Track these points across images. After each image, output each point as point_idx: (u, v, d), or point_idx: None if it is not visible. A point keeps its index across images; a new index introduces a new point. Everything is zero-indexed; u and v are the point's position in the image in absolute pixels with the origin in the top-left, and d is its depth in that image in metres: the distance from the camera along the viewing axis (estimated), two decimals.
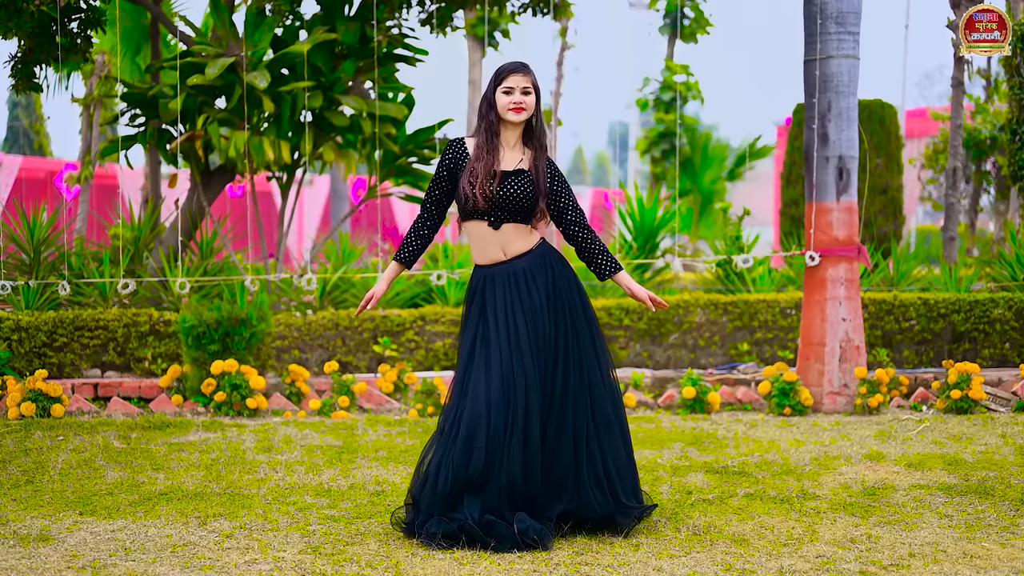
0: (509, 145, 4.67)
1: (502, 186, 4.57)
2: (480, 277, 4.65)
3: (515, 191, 4.57)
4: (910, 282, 9.76)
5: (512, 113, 4.59)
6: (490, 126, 4.63)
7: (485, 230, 4.61)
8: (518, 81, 4.59)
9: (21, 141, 26.95)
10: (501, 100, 4.60)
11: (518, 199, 4.57)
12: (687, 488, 5.39)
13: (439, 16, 9.91)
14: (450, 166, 4.66)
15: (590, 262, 4.71)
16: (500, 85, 4.61)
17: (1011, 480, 5.55)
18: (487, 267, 4.63)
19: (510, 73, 4.60)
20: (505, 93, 4.60)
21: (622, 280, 4.73)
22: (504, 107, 4.59)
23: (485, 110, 4.65)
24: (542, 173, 4.63)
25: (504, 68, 4.64)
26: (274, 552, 4.32)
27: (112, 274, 8.68)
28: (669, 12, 19.18)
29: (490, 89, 4.65)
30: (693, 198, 17.30)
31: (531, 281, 4.58)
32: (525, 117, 4.62)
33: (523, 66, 4.64)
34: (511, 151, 4.67)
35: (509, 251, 4.61)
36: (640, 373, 8.22)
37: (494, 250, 4.61)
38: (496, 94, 4.61)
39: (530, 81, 4.61)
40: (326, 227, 21.95)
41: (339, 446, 6.48)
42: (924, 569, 4.14)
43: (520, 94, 4.59)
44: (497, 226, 4.60)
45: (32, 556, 4.24)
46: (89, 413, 7.50)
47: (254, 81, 8.35)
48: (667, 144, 18.19)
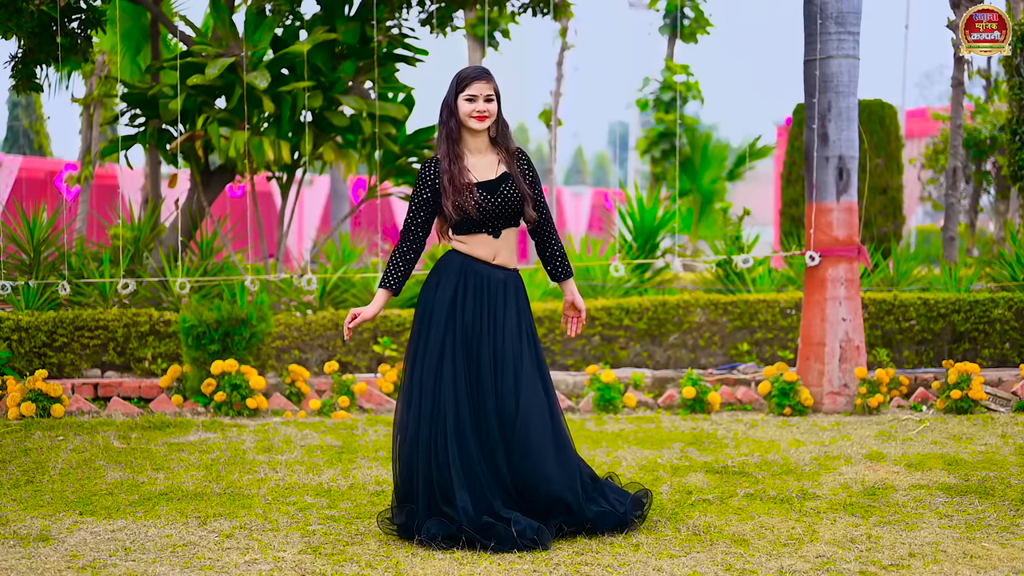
0: (479, 151, 4.66)
1: (494, 195, 4.57)
2: (460, 263, 4.60)
3: (507, 198, 4.59)
4: (910, 282, 9.76)
5: (475, 121, 4.57)
6: (450, 133, 4.61)
7: (485, 239, 4.61)
8: (481, 88, 4.56)
9: (21, 141, 26.95)
10: (464, 107, 4.57)
11: (510, 205, 4.60)
12: (687, 488, 5.39)
13: (439, 16, 9.91)
14: (433, 186, 4.60)
15: (548, 261, 4.79)
16: (462, 92, 4.57)
17: (1011, 480, 5.55)
18: (471, 258, 4.61)
19: (472, 80, 4.56)
20: (468, 100, 4.57)
21: (568, 286, 4.83)
22: (467, 115, 4.57)
23: (446, 116, 4.61)
24: (520, 176, 4.65)
25: (466, 74, 4.60)
26: (274, 552, 4.32)
27: (112, 274, 8.68)
28: (669, 12, 19.18)
29: (450, 95, 4.61)
30: (693, 198, 17.30)
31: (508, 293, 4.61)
32: (488, 125, 4.61)
33: (485, 72, 4.61)
34: (483, 156, 4.66)
35: (499, 258, 4.63)
36: (640, 373, 8.22)
37: (487, 252, 4.62)
38: (458, 101, 4.58)
39: (492, 88, 4.59)
40: (326, 227, 21.96)
41: (339, 446, 6.48)
42: (924, 569, 4.14)
43: (483, 102, 4.56)
44: (498, 234, 4.62)
45: (32, 556, 4.24)
46: (89, 413, 7.50)
47: (254, 81, 8.35)
48: (667, 144, 18.18)
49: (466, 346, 4.53)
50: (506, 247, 4.64)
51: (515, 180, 4.62)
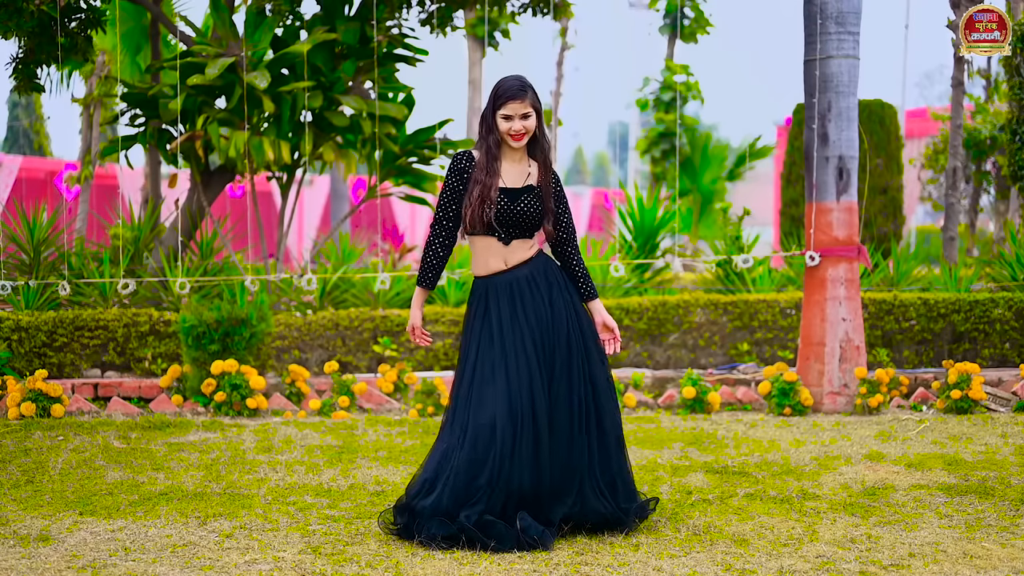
0: (514, 160, 4.64)
1: (514, 203, 4.56)
2: (483, 288, 4.62)
3: (526, 209, 4.57)
4: (910, 282, 9.76)
5: (513, 140, 4.56)
6: (489, 150, 4.59)
7: (494, 244, 4.60)
8: (516, 108, 4.51)
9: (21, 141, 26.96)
10: (501, 126, 4.54)
11: (529, 217, 4.58)
12: (687, 488, 5.39)
13: (439, 16, 9.91)
14: (464, 178, 4.59)
15: (571, 281, 4.73)
16: (499, 110, 4.54)
17: (1011, 480, 5.55)
18: (487, 277, 4.62)
19: (508, 100, 4.51)
20: (504, 119, 4.54)
21: (595, 307, 4.75)
22: (504, 132, 4.55)
23: (484, 132, 4.59)
24: (549, 193, 4.62)
25: (502, 92, 4.54)
26: (274, 552, 4.32)
27: (112, 274, 8.68)
28: (669, 12, 19.19)
29: (488, 110, 4.58)
30: (693, 198, 17.30)
31: (534, 286, 4.58)
32: (525, 142, 4.59)
33: (521, 91, 4.52)
34: (516, 165, 4.63)
35: (511, 261, 4.61)
36: (640, 373, 8.22)
37: (496, 262, 4.61)
38: (495, 118, 4.55)
39: (530, 104, 4.52)
40: (326, 227, 21.96)
41: (339, 446, 6.48)
42: (924, 569, 4.14)
43: (520, 120, 4.53)
44: (508, 242, 4.61)
45: (32, 556, 4.24)
46: (89, 413, 7.50)
47: (254, 81, 8.35)
48: (667, 144, 18.19)
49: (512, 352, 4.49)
50: (515, 250, 4.61)
51: (540, 194, 4.60)
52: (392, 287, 9.29)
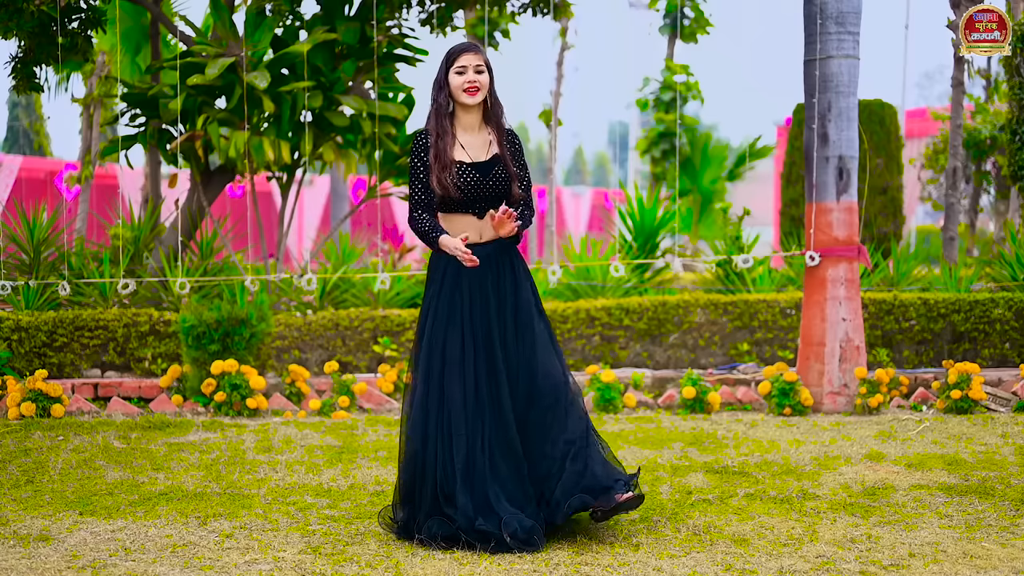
0: (472, 128, 4.62)
1: (486, 178, 4.55)
2: (446, 260, 4.57)
3: (498, 180, 4.57)
4: (910, 282, 9.76)
5: (467, 95, 4.54)
6: (439, 108, 4.57)
7: (470, 220, 4.59)
8: (470, 60, 4.53)
9: (21, 141, 26.97)
10: (454, 81, 4.54)
11: (500, 187, 4.58)
12: (687, 488, 5.39)
13: (439, 16, 9.91)
14: (422, 157, 4.59)
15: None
16: (452, 66, 4.54)
17: (1011, 480, 5.55)
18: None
19: (461, 53, 4.54)
20: (458, 73, 4.54)
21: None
22: (458, 88, 4.54)
23: (435, 92, 4.58)
24: (508, 157, 4.61)
25: (455, 48, 4.58)
26: (274, 552, 4.32)
27: (112, 274, 8.68)
28: (669, 12, 19.17)
29: (441, 72, 4.58)
30: (693, 198, 17.31)
31: (500, 266, 4.58)
32: (480, 98, 4.57)
33: (474, 45, 4.59)
34: (476, 135, 4.63)
35: (486, 235, 4.60)
36: (640, 373, 8.21)
37: (472, 235, 4.59)
38: (448, 75, 4.55)
39: (482, 59, 4.56)
40: (326, 227, 21.95)
41: (339, 446, 6.48)
42: (924, 569, 4.14)
43: (473, 72, 4.53)
44: (482, 215, 4.59)
45: (32, 556, 4.24)
46: (89, 413, 7.50)
47: (254, 81, 8.35)
48: (667, 144, 18.18)
49: (473, 333, 4.49)
50: (486, 225, 4.60)
51: (504, 161, 4.60)
52: (392, 287, 9.29)
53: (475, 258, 4.49)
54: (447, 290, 4.55)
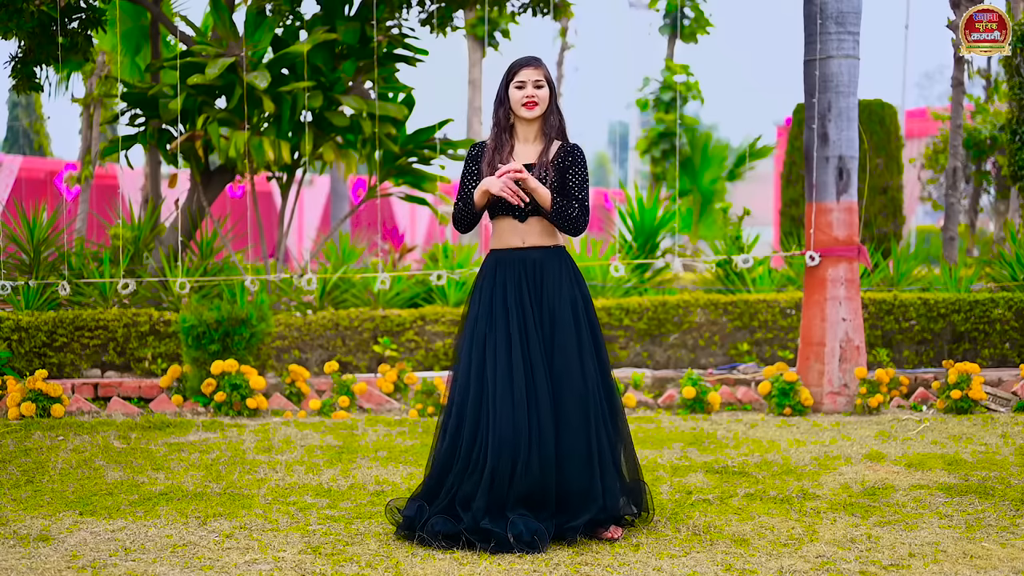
0: (529, 140, 4.63)
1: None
2: (493, 261, 4.59)
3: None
4: (910, 282, 9.76)
5: (525, 109, 4.54)
6: (499, 122, 4.59)
7: (512, 223, 4.58)
8: (530, 75, 4.52)
9: (21, 141, 26.97)
10: (514, 96, 4.54)
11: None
12: (687, 488, 5.39)
13: (439, 16, 9.91)
14: (474, 164, 4.61)
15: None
16: (512, 80, 4.55)
17: (1011, 480, 5.55)
18: (501, 251, 4.59)
19: (521, 67, 4.54)
20: (517, 88, 4.54)
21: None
22: (517, 102, 4.54)
23: (496, 107, 4.61)
24: (558, 167, 4.56)
25: (516, 63, 4.58)
26: (274, 552, 4.32)
27: (112, 274, 8.68)
28: (669, 12, 19.19)
29: (502, 87, 4.59)
30: (693, 198, 17.31)
31: (544, 271, 4.54)
32: (539, 112, 4.55)
33: (535, 60, 4.57)
34: (531, 145, 4.63)
35: (528, 240, 4.58)
36: (640, 373, 8.22)
37: (515, 239, 4.58)
38: (508, 90, 4.56)
39: (542, 74, 4.54)
40: (326, 227, 21.96)
41: (339, 446, 6.48)
42: (924, 569, 4.14)
43: (532, 87, 4.52)
44: (524, 219, 4.58)
45: (32, 556, 4.24)
46: (89, 413, 7.50)
47: (254, 81, 8.35)
48: (667, 144, 18.19)
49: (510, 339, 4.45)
50: (534, 230, 4.57)
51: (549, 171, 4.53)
52: (392, 287, 9.29)
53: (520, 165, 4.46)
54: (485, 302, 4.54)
